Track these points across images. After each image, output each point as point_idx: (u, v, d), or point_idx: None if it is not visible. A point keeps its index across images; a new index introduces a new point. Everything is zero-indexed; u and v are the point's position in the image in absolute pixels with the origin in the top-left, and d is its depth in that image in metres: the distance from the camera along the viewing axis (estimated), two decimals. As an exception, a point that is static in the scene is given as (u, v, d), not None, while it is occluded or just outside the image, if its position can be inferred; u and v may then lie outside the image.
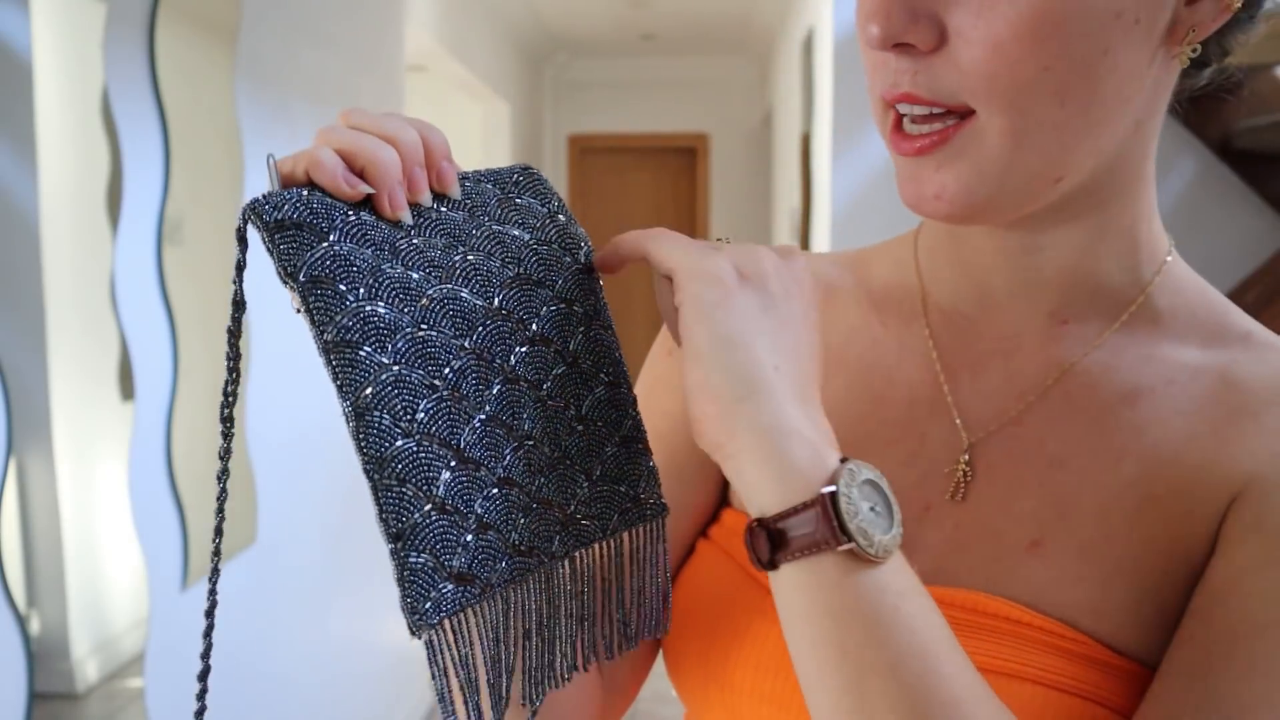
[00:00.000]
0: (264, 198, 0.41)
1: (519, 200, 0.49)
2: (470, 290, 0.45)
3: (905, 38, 0.47)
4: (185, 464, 1.74)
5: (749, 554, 0.44)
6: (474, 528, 0.43)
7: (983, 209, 0.49)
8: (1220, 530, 0.48)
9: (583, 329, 0.48)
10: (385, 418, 0.41)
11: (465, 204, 0.47)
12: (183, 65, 1.81)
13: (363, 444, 0.40)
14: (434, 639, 0.41)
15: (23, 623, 1.39)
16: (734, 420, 0.43)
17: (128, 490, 1.62)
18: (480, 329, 0.45)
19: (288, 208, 0.41)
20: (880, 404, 0.59)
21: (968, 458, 0.55)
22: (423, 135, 0.46)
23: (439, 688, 0.41)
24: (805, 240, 3.67)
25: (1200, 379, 0.53)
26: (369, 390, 0.40)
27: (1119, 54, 0.46)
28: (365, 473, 0.40)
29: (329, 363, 0.40)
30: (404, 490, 0.41)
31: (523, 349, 0.46)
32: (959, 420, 0.57)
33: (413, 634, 0.41)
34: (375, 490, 0.40)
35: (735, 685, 0.55)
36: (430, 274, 0.44)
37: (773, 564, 0.43)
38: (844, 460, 0.43)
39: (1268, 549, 0.46)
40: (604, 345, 0.49)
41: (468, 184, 0.48)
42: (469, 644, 0.42)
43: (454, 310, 0.44)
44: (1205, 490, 0.49)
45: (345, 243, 0.42)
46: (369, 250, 0.42)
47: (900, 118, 0.50)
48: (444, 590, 0.41)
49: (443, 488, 0.42)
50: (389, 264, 0.43)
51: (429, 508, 0.41)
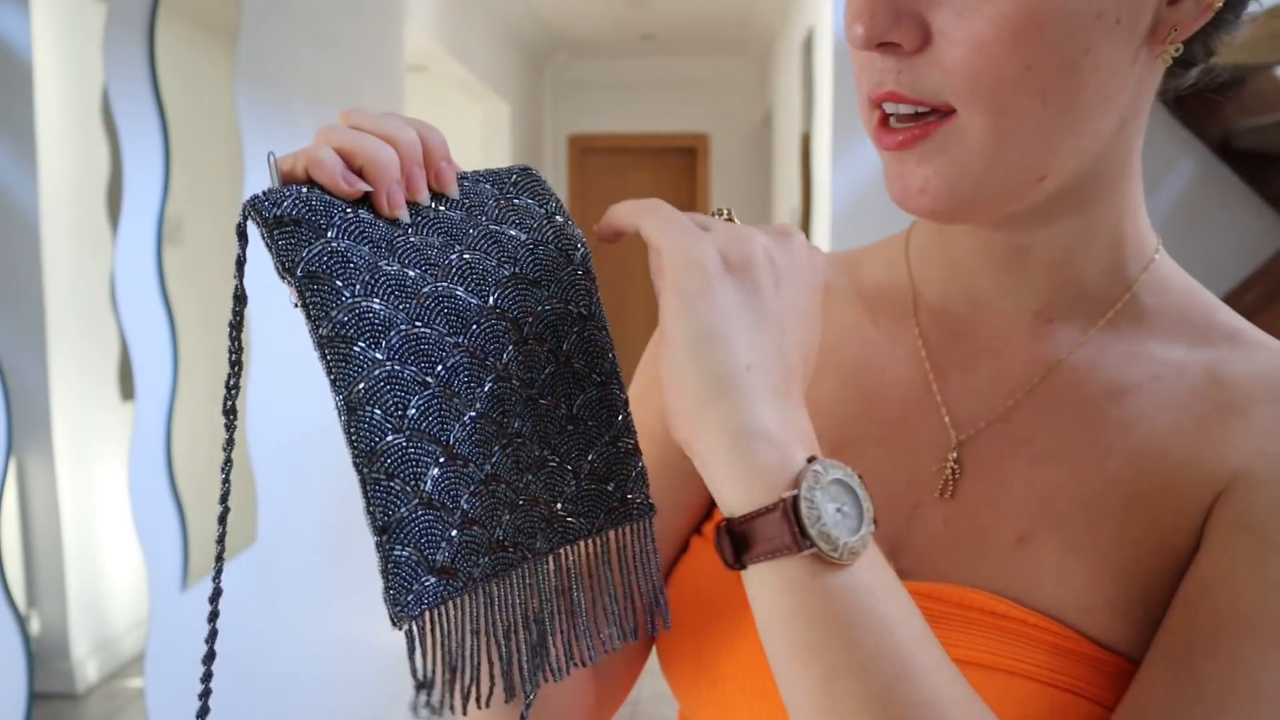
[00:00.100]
0: (264, 194, 0.42)
1: (517, 200, 0.49)
2: (466, 289, 0.45)
3: (889, 37, 0.47)
4: (185, 464, 1.74)
5: (718, 555, 0.44)
6: (459, 523, 0.43)
7: (967, 205, 0.50)
8: (1206, 526, 0.49)
9: (577, 329, 0.48)
10: (377, 413, 0.41)
11: (463, 203, 0.48)
12: (183, 65, 1.82)
13: (354, 438, 0.41)
14: (414, 630, 0.41)
15: (23, 623, 1.39)
16: (703, 420, 0.43)
17: (128, 490, 1.62)
18: (474, 327, 0.45)
19: (287, 204, 0.42)
20: (871, 403, 0.59)
21: (956, 455, 0.56)
22: (421, 135, 0.46)
23: (417, 678, 0.42)
24: (805, 240, 3.67)
25: (1187, 376, 0.53)
26: (361, 385, 0.41)
27: (1100, 53, 0.46)
28: (355, 466, 0.41)
29: (323, 357, 0.41)
30: (392, 485, 0.41)
31: (516, 348, 0.46)
32: (948, 419, 0.57)
33: (394, 625, 0.41)
34: (364, 484, 0.41)
35: (726, 681, 0.56)
36: (426, 272, 0.44)
37: (741, 565, 0.43)
38: (811, 460, 0.43)
39: (1253, 545, 0.46)
40: (597, 346, 0.49)
41: (466, 184, 0.48)
42: (448, 636, 0.43)
43: (449, 308, 0.44)
44: (1191, 486, 0.49)
45: (343, 240, 0.42)
46: (366, 247, 0.43)
47: (886, 116, 0.50)
48: (426, 583, 0.42)
49: (430, 483, 0.42)
50: (386, 261, 0.43)
51: (416, 503, 0.42)
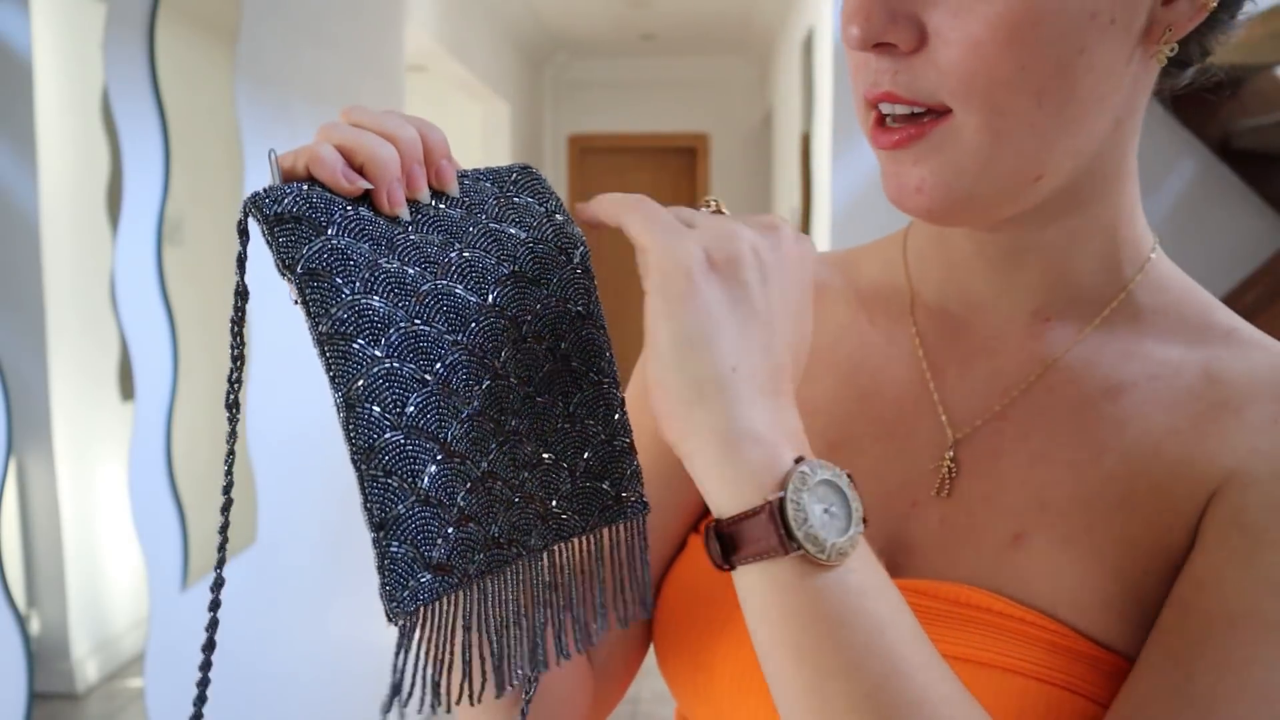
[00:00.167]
0: (265, 191, 0.42)
1: (517, 199, 0.49)
2: (465, 286, 0.45)
3: (885, 38, 0.47)
4: (185, 464, 1.74)
5: (708, 555, 0.44)
6: (456, 520, 0.43)
7: (963, 205, 0.50)
8: (1200, 524, 0.49)
9: (575, 328, 0.48)
10: (375, 409, 0.41)
11: (463, 202, 0.48)
12: (183, 65, 1.82)
13: (352, 435, 0.41)
14: (408, 625, 0.42)
15: (23, 623, 1.39)
16: (691, 423, 0.43)
17: (128, 490, 1.62)
18: (473, 325, 0.45)
19: (287, 201, 0.42)
20: (868, 402, 0.60)
21: (952, 454, 0.56)
22: (422, 133, 0.46)
23: (395, 679, 0.42)
24: (805, 240, 3.67)
25: (1183, 374, 0.53)
26: (360, 382, 0.41)
27: (1095, 53, 0.46)
28: (353, 463, 0.41)
29: (323, 354, 0.41)
30: (389, 481, 0.41)
31: (514, 346, 0.46)
32: (945, 417, 0.57)
33: (389, 620, 0.41)
34: (362, 480, 0.41)
35: (721, 678, 0.56)
36: (426, 270, 0.44)
37: (730, 566, 0.43)
38: (799, 461, 0.42)
39: (1246, 543, 0.46)
40: (595, 345, 0.49)
41: (466, 182, 0.49)
42: (443, 631, 0.43)
43: (448, 306, 0.44)
44: (1186, 484, 0.50)
45: (343, 237, 0.42)
46: (366, 245, 0.43)
47: (882, 116, 0.50)
48: (421, 579, 0.42)
49: (428, 480, 0.42)
50: (385, 259, 0.43)
51: (413, 499, 0.42)
